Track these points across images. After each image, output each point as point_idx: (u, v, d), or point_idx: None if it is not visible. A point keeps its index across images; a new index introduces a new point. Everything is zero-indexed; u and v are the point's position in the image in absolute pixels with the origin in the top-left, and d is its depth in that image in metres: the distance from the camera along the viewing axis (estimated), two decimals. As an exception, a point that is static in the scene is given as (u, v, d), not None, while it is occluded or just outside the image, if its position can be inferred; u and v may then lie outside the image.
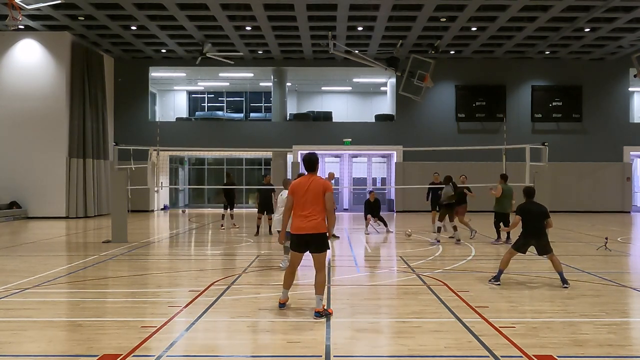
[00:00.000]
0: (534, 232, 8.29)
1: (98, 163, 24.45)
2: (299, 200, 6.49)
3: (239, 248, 13.08)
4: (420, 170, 25.16)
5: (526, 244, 8.34)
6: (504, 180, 13.73)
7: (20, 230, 17.99)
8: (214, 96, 33.01)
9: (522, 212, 8.35)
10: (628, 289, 8.08)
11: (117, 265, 10.35)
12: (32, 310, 6.74)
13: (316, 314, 6.31)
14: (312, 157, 6.67)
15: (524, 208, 8.40)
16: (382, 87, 30.97)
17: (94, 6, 19.61)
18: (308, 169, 6.64)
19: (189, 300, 7.20)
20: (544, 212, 8.36)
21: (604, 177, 26.98)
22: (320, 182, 6.53)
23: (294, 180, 6.90)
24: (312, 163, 6.63)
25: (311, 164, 6.63)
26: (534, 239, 8.33)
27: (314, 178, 6.58)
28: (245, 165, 31.31)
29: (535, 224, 8.29)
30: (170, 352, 5.08)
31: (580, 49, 25.24)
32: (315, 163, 6.64)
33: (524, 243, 8.34)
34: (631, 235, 16.54)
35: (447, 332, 5.75)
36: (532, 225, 8.29)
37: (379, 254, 12.66)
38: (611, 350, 5.16)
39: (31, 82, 22.53)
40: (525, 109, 27.30)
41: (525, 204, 8.47)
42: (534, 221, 8.29)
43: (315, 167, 6.65)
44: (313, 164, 6.63)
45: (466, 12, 20.10)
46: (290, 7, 19.70)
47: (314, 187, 6.47)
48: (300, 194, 6.50)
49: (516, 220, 8.43)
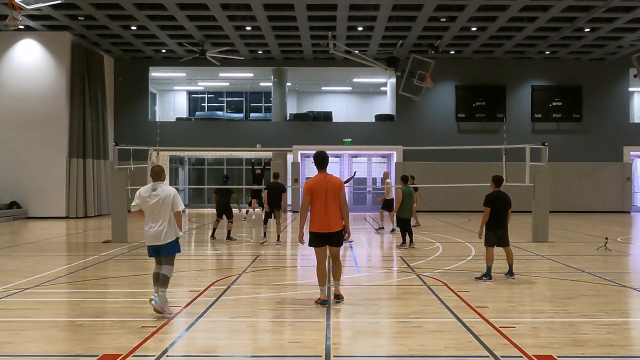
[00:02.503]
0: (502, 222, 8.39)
1: (98, 163, 24.45)
2: (319, 200, 6.74)
3: (239, 248, 13.08)
4: (420, 170, 25.13)
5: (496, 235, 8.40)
6: (404, 182, 13.04)
7: (20, 230, 17.99)
8: (214, 96, 33.00)
9: (491, 202, 8.39)
10: (628, 289, 8.08)
11: (117, 265, 10.35)
12: (32, 310, 6.75)
13: (337, 297, 6.98)
14: (324, 154, 6.99)
15: (492, 197, 8.45)
16: (382, 87, 30.97)
17: (94, 6, 19.60)
18: (320, 167, 6.94)
19: (189, 300, 7.20)
20: (510, 202, 8.48)
21: (604, 177, 26.97)
22: (336, 182, 6.88)
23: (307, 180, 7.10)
24: (324, 161, 6.95)
25: (323, 161, 6.94)
26: (501, 229, 8.41)
27: (329, 177, 6.86)
28: (245, 165, 31.30)
29: (504, 213, 8.39)
30: (170, 352, 5.09)
31: (580, 49, 25.24)
32: (326, 160, 6.96)
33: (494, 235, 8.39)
34: (631, 235, 16.54)
35: (447, 332, 5.75)
36: (502, 215, 8.37)
37: (379, 254, 12.66)
38: (611, 350, 5.16)
39: (31, 82, 22.53)
40: (525, 109, 27.30)
41: (493, 193, 8.53)
42: (504, 210, 8.39)
43: (326, 165, 6.97)
44: (325, 162, 6.95)
45: (466, 12, 20.10)
46: (290, 7, 19.70)
47: (332, 187, 6.79)
48: (320, 194, 6.74)
49: (486, 212, 8.40)
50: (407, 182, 13.07)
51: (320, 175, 6.87)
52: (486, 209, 8.41)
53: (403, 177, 13.23)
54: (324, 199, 6.71)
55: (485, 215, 8.44)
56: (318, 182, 6.79)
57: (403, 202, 12.60)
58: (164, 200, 6.32)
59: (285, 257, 12.04)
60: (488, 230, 8.49)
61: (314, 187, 6.76)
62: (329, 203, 6.73)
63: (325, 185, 6.75)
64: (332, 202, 6.75)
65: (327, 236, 6.81)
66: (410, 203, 12.74)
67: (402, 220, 12.74)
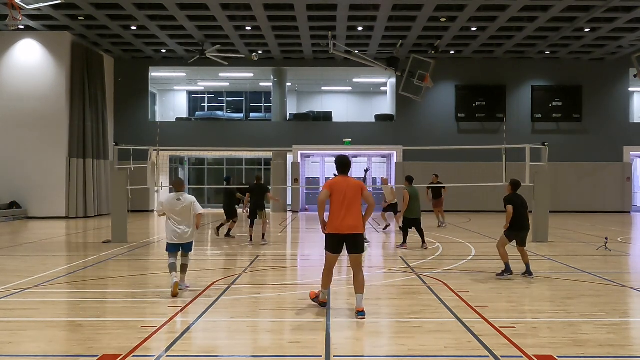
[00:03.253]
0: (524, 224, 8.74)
1: (98, 163, 24.45)
2: (338, 199, 6.56)
3: (239, 248, 13.08)
4: (420, 170, 25.12)
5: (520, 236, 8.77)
6: (409, 182, 13.04)
7: (20, 230, 17.99)
8: (214, 96, 33.00)
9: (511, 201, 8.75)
10: (628, 289, 8.08)
11: (117, 265, 10.35)
12: (32, 310, 6.75)
13: (359, 314, 6.34)
14: (346, 159, 6.86)
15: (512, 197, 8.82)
16: (382, 87, 30.97)
17: (94, 6, 19.60)
18: (342, 172, 6.80)
19: (189, 300, 7.20)
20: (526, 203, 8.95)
21: (604, 177, 26.97)
22: (357, 183, 6.71)
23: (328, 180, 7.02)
24: (346, 166, 6.82)
25: (346, 166, 6.81)
26: (525, 230, 8.76)
27: (349, 179, 6.74)
28: (245, 165, 31.31)
29: (525, 213, 8.76)
30: (170, 352, 5.09)
31: (580, 49, 25.24)
32: (349, 165, 6.83)
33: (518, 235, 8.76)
34: (631, 235, 16.54)
35: (447, 332, 5.75)
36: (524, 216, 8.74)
37: (379, 254, 12.65)
38: (611, 350, 5.16)
39: (31, 82, 22.53)
40: (525, 109, 27.30)
41: (510, 195, 8.88)
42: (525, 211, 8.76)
43: (348, 169, 6.82)
44: (347, 166, 6.81)
45: (466, 12, 20.10)
46: (290, 7, 19.70)
47: (353, 188, 6.61)
48: (340, 193, 6.57)
49: (510, 211, 8.68)
50: (412, 182, 13.10)
51: (340, 177, 6.77)
52: (509, 207, 8.71)
53: (408, 178, 13.24)
54: (343, 198, 6.54)
55: (509, 212, 8.70)
56: (338, 181, 6.68)
57: (410, 203, 12.62)
58: (187, 207, 7.82)
59: (285, 257, 12.04)
60: (511, 231, 8.77)
61: (334, 184, 6.65)
62: (349, 203, 6.54)
63: (346, 185, 6.61)
64: (352, 202, 6.55)
65: (343, 239, 6.56)
66: (417, 203, 12.76)
67: (410, 220, 12.75)
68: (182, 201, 7.83)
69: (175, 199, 7.86)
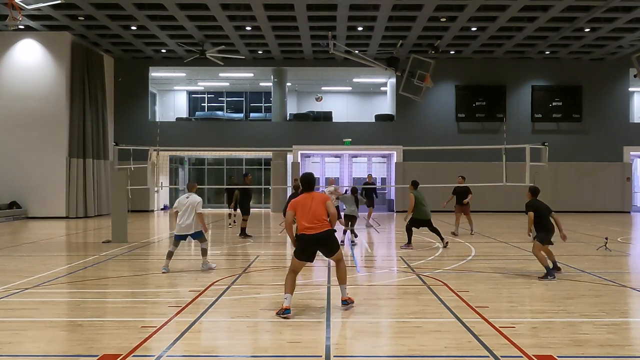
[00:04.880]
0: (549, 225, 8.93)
1: (98, 163, 24.45)
2: (303, 214, 6.65)
3: (239, 248, 13.08)
4: (420, 170, 25.13)
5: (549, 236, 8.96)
6: (415, 187, 13.02)
7: (20, 230, 17.99)
8: (214, 96, 32.99)
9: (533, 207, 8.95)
10: (628, 289, 8.08)
11: (117, 265, 10.35)
12: (32, 310, 6.74)
13: (343, 302, 6.71)
14: (310, 177, 6.95)
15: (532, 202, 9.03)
16: (382, 87, 30.97)
17: (94, 6, 19.61)
18: (306, 189, 6.87)
19: (189, 300, 7.20)
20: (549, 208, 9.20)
21: (604, 177, 26.98)
22: (321, 196, 6.82)
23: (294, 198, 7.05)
24: (310, 183, 6.89)
25: (310, 184, 6.89)
26: (552, 231, 8.94)
27: (314, 194, 6.80)
28: (246, 165, 31.31)
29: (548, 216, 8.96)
30: (170, 352, 5.08)
31: (580, 49, 25.25)
32: (314, 183, 6.94)
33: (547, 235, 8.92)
34: (631, 236, 16.54)
35: (447, 332, 5.75)
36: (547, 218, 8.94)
37: (379, 254, 12.65)
38: (611, 350, 5.16)
39: (31, 82, 22.54)
40: (525, 109, 27.31)
41: (531, 201, 9.07)
42: (548, 213, 8.97)
43: (313, 187, 6.91)
44: (312, 184, 6.90)
45: (466, 12, 20.11)
46: (290, 7, 19.70)
47: (317, 201, 6.69)
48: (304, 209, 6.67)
49: (531, 217, 8.88)
50: (417, 187, 13.11)
51: (304, 194, 6.79)
52: (530, 214, 8.88)
53: (413, 182, 13.23)
54: (308, 210, 6.60)
55: (531, 219, 8.89)
56: (302, 199, 6.72)
57: (419, 206, 12.62)
58: (191, 205, 9.37)
59: (285, 257, 12.03)
60: (541, 232, 8.89)
61: (297, 204, 6.70)
62: (314, 212, 6.59)
63: (310, 200, 6.67)
64: (317, 211, 6.60)
65: (316, 239, 6.56)
66: (425, 206, 12.79)
67: (420, 222, 12.77)
68: (188, 199, 9.38)
69: (184, 197, 9.47)
